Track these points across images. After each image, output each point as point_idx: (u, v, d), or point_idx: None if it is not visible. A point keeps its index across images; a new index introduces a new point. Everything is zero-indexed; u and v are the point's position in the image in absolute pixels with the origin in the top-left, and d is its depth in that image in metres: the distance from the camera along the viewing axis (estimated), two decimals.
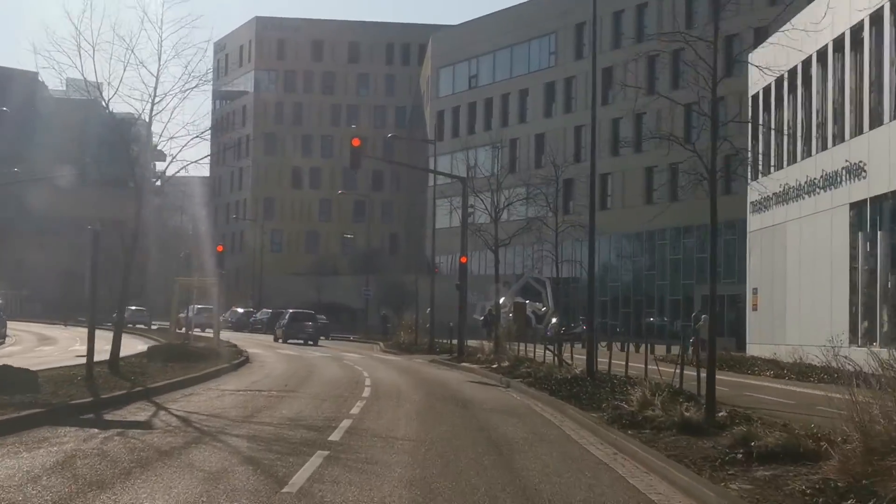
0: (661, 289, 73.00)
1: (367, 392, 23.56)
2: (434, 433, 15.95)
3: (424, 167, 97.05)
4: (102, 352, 23.59)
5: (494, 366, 35.18)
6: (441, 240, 73.21)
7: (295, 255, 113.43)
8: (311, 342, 57.68)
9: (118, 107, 27.16)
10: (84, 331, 44.89)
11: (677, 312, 71.25)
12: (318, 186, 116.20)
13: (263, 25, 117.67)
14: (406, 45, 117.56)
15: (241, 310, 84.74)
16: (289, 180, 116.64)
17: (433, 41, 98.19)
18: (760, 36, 57.77)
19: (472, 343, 45.65)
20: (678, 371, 21.89)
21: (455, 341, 45.83)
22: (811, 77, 36.42)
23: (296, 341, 58.05)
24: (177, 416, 17.04)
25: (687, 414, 15.92)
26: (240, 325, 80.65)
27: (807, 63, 35.98)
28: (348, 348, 54.94)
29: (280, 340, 58.86)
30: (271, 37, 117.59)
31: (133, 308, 75.92)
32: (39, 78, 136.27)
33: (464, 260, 42.20)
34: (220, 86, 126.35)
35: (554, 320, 65.94)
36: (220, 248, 40.88)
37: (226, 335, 67.04)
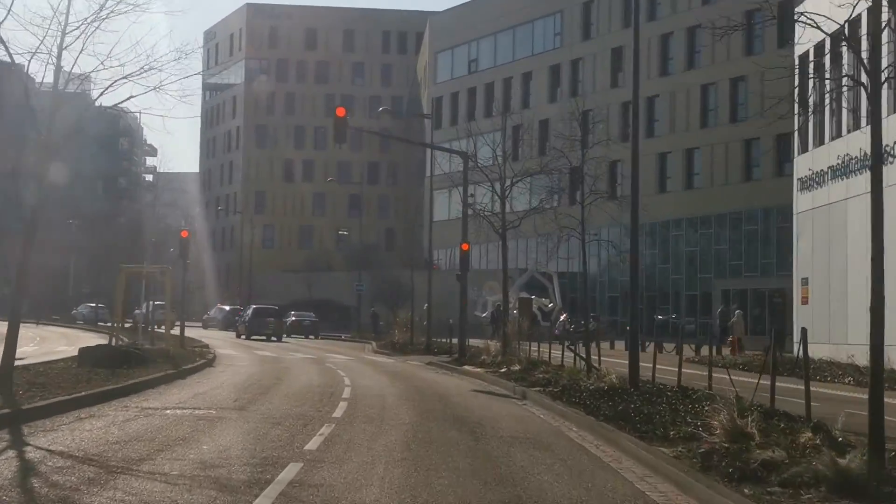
0: (676, 284, 66.67)
1: (340, 410, 17.27)
2: (427, 492, 9.65)
3: (422, 155, 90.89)
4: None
5: (503, 370, 28.93)
6: (440, 233, 67.02)
7: (287, 250, 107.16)
8: (274, 338, 55.68)
9: (16, 36, 20.83)
10: (54, 329, 38.50)
11: (693, 309, 64.93)
12: (312, 179, 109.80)
13: (255, 12, 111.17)
14: (403, 32, 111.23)
15: (227, 307, 78.35)
16: (281, 173, 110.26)
17: (430, 24, 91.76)
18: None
19: (474, 342, 39.43)
20: (759, 381, 15.90)
21: (455, 340, 39.64)
22: (880, 25, 30.05)
23: (259, 337, 55.47)
24: (25, 459, 10.74)
25: (841, 462, 9.59)
26: (226, 324, 74.38)
27: (874, 9, 29.63)
28: (337, 348, 48.67)
29: (243, 336, 56.75)
30: (263, 24, 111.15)
31: (92, 305, 69.84)
32: (26, 70, 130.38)
33: (465, 247, 35.88)
34: (210, 76, 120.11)
35: (563, 317, 59.69)
36: (184, 234, 34.57)
37: (209, 334, 61.06)
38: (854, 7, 11.25)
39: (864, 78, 10.87)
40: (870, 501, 8.91)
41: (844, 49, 24.25)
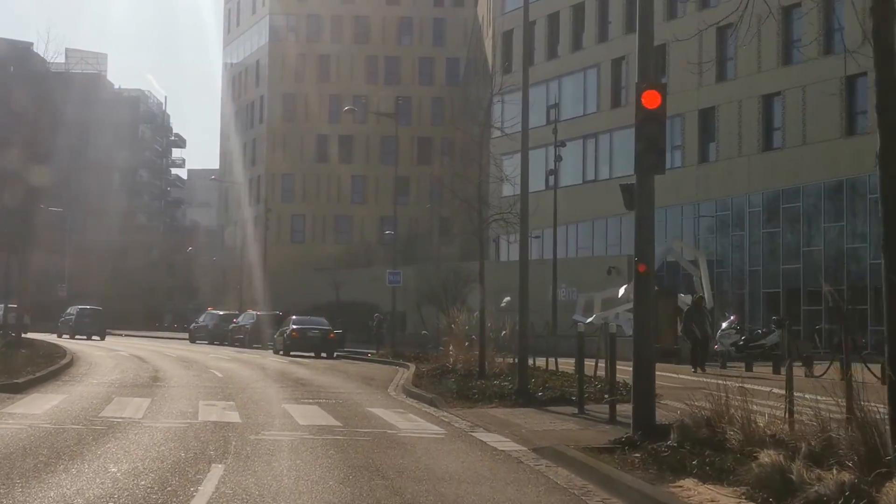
0: (874, 272, 41.89)
1: None
2: None
3: (484, 126, 67.83)
4: None
5: None
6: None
7: (321, 244, 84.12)
8: (95, 336, 52.83)
9: None
10: None
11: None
12: (350, 160, 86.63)
13: None
14: None
15: (220, 312, 55.10)
16: (313, 152, 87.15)
17: None
18: None
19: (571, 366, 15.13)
20: None
21: (550, 362, 16.05)
22: None
23: (81, 337, 51.73)
24: None
25: None
26: (217, 335, 51.40)
27: None
28: (339, 380, 24.98)
29: (66, 336, 51.90)
30: None
31: None
32: (35, 49, 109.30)
33: (654, 99, 11.69)
34: (231, 40, 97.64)
35: (725, 323, 35.15)
36: None
37: (168, 348, 38.58)
38: None
39: None
40: None
41: None
